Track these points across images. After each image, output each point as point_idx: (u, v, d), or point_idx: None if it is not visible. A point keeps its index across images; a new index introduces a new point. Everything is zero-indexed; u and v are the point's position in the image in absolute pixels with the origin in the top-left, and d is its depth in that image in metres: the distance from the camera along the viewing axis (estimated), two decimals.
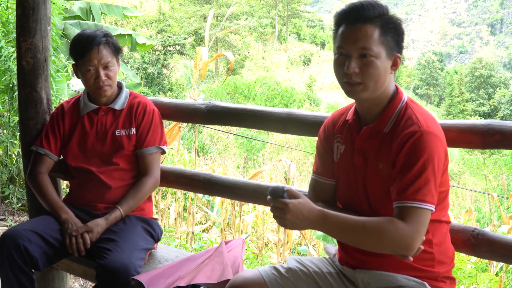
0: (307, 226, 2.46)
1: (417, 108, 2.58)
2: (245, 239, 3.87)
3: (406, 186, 2.41)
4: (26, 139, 4.16)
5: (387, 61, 2.52)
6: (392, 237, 2.37)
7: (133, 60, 41.99)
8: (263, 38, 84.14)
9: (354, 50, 2.50)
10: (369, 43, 2.48)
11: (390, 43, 2.52)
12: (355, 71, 2.49)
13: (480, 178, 34.88)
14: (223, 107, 3.94)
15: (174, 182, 4.27)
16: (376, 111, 2.64)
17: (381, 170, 2.58)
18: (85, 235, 3.51)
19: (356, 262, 2.77)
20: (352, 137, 2.76)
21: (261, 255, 8.47)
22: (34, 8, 4.02)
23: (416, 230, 2.37)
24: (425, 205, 2.39)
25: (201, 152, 22.89)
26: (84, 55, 3.63)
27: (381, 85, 2.54)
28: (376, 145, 2.62)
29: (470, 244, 3.01)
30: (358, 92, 2.53)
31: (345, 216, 2.47)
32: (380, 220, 2.42)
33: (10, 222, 6.35)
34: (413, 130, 2.45)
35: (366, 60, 2.48)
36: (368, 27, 2.49)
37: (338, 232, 2.49)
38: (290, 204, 2.38)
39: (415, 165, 2.40)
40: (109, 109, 3.82)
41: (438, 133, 2.49)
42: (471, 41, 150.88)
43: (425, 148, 2.41)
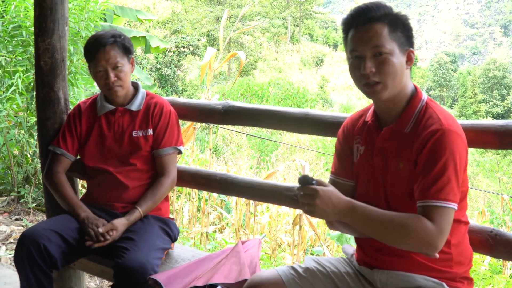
0: (335, 214, 2.45)
1: (437, 107, 2.58)
2: (262, 240, 3.88)
3: (429, 185, 2.40)
4: (44, 138, 4.19)
5: (401, 57, 2.53)
6: (418, 235, 2.37)
7: (147, 61, 42.03)
8: (276, 39, 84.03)
9: (368, 50, 2.51)
10: (380, 40, 2.49)
11: (401, 38, 2.54)
12: (372, 70, 2.49)
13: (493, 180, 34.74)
14: (239, 107, 3.95)
15: (190, 182, 4.28)
16: (396, 111, 2.64)
17: (401, 170, 2.58)
18: (110, 233, 3.52)
19: (374, 262, 2.77)
20: (372, 138, 2.76)
21: (275, 256, 8.48)
22: (52, 8, 4.05)
23: (441, 229, 2.37)
24: (449, 204, 2.39)
25: (214, 152, 22.90)
26: (93, 57, 3.67)
27: (399, 82, 2.54)
28: (396, 145, 2.62)
29: (488, 245, 3.00)
30: (378, 92, 2.53)
31: (373, 209, 2.47)
32: (407, 216, 2.42)
33: (25, 222, 6.37)
34: (434, 128, 2.45)
35: (381, 58, 2.49)
36: (377, 26, 2.51)
37: (365, 224, 2.48)
38: (320, 191, 2.39)
39: (437, 164, 2.40)
40: (126, 110, 3.84)
41: (459, 131, 2.48)
42: (484, 42, 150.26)
43: (447, 146, 2.41)
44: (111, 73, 3.66)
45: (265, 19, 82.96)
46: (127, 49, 3.77)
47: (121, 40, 3.74)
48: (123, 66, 3.71)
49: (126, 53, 3.77)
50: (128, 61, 3.79)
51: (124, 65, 3.72)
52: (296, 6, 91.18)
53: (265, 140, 24.44)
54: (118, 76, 3.69)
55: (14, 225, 6.30)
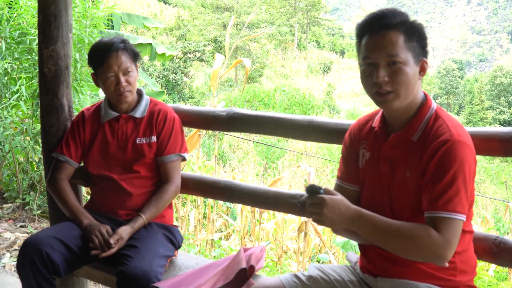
0: (343, 223, 2.46)
1: (447, 116, 2.56)
2: (265, 247, 3.86)
3: (437, 196, 2.40)
4: (48, 145, 4.18)
5: (415, 67, 2.50)
6: (425, 245, 2.37)
7: (154, 67, 42.08)
8: (283, 46, 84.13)
9: (382, 58, 2.48)
10: (395, 49, 2.46)
11: (416, 48, 2.50)
12: (385, 79, 2.47)
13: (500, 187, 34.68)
14: (243, 114, 3.93)
15: (194, 189, 4.26)
16: (405, 119, 2.62)
17: (408, 178, 2.57)
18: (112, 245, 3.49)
19: (377, 270, 2.76)
20: (378, 144, 2.74)
21: (281, 263, 8.46)
22: (55, 15, 4.05)
23: (449, 241, 2.37)
24: (457, 216, 2.39)
25: (221, 159, 22.88)
26: (103, 63, 3.64)
27: (411, 92, 2.52)
28: (404, 153, 2.61)
29: (492, 252, 2.99)
30: (389, 101, 2.51)
31: (381, 218, 2.47)
32: (415, 226, 2.41)
33: (30, 229, 6.37)
34: (444, 139, 2.43)
35: (395, 67, 2.46)
36: (392, 34, 2.47)
37: (372, 232, 2.48)
38: (328, 200, 2.41)
39: (446, 175, 2.39)
40: (130, 117, 3.83)
41: (468, 142, 2.47)
42: (491, 49, 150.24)
43: (457, 157, 2.40)
44: (122, 79, 3.66)
45: (272, 26, 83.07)
46: (136, 55, 3.79)
47: (130, 46, 3.76)
48: (133, 71, 3.73)
49: (135, 59, 3.78)
50: (136, 67, 3.79)
51: (133, 70, 3.74)
52: (303, 13, 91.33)
53: (271, 147, 24.42)
54: (128, 81, 3.69)
55: (19, 232, 6.30)
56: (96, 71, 3.73)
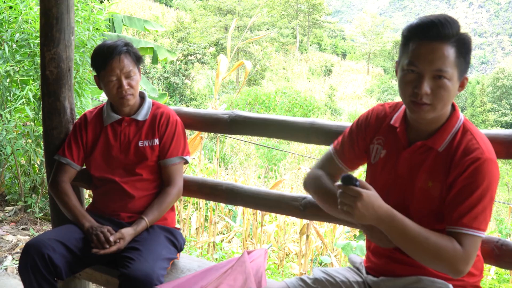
0: (373, 219, 2.42)
1: (474, 130, 2.54)
2: (268, 250, 3.87)
3: (464, 213, 2.40)
4: (50, 148, 4.19)
5: (457, 83, 2.46)
6: (448, 258, 2.38)
7: (155, 70, 42.10)
8: (284, 48, 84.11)
9: (429, 70, 2.40)
10: (445, 65, 2.38)
11: (463, 65, 2.44)
12: (427, 92, 2.40)
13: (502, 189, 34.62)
14: (245, 117, 3.92)
15: (196, 192, 4.25)
16: (432, 129, 2.59)
17: (430, 188, 2.55)
18: (117, 241, 3.50)
19: (382, 269, 2.79)
20: (397, 146, 2.71)
21: (282, 265, 8.46)
22: (58, 18, 4.05)
23: (469, 256, 2.39)
24: (480, 233, 2.40)
25: (222, 162, 22.88)
26: (106, 66, 3.64)
27: (447, 106, 2.49)
28: (427, 162, 2.58)
29: (494, 255, 2.99)
30: (425, 113, 2.45)
31: (411, 223, 2.43)
32: (442, 239, 2.41)
33: (32, 232, 6.37)
34: (476, 156, 2.42)
35: (440, 82, 2.40)
36: (445, 47, 2.38)
37: (400, 236, 2.44)
38: (364, 193, 2.36)
39: (474, 192, 2.39)
40: (132, 120, 3.83)
41: (495, 158, 2.47)
42: (493, 51, 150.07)
43: (486, 175, 2.40)
44: (124, 82, 3.66)
45: (274, 28, 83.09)
46: (139, 58, 3.79)
47: (133, 49, 3.76)
48: (135, 75, 3.72)
49: (138, 62, 3.78)
50: (138, 70, 3.79)
51: (136, 74, 3.73)
52: (304, 15, 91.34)
53: (273, 150, 24.42)
54: (130, 84, 3.70)
55: (21, 234, 6.30)
56: (99, 74, 3.73)
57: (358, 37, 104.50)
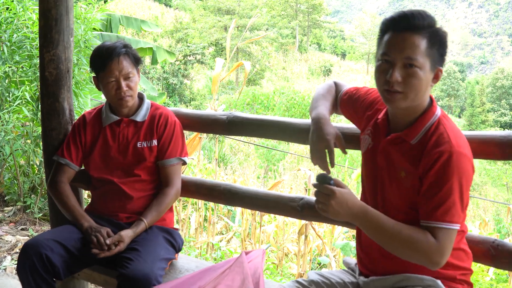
0: (347, 216, 2.50)
1: (449, 125, 2.58)
2: (266, 250, 3.88)
3: (435, 208, 2.45)
4: (49, 149, 4.20)
5: (429, 74, 2.52)
6: (421, 249, 2.44)
7: (155, 70, 42.08)
8: (284, 48, 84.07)
9: (400, 58, 2.49)
10: (415, 53, 2.46)
11: (435, 55, 2.51)
12: (398, 80, 2.48)
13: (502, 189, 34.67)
14: (243, 118, 3.93)
15: (194, 192, 4.26)
16: (407, 121, 2.65)
17: (403, 178, 2.61)
18: (112, 247, 3.51)
19: (370, 269, 2.83)
20: (379, 137, 2.79)
21: (281, 265, 8.47)
22: (57, 19, 4.06)
23: (444, 248, 2.44)
24: (453, 226, 2.45)
25: (222, 162, 22.88)
26: (105, 67, 3.65)
27: (421, 97, 2.54)
28: (401, 153, 2.64)
29: (490, 255, 3.01)
30: (396, 101, 2.53)
31: (384, 217, 2.52)
32: (415, 230, 2.48)
33: (31, 232, 6.38)
34: (444, 149, 2.46)
35: (411, 70, 2.48)
36: (416, 37, 2.47)
37: (375, 231, 2.54)
38: (337, 192, 2.46)
39: (444, 187, 2.44)
40: (131, 121, 3.84)
41: (468, 153, 2.50)
42: (492, 52, 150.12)
43: (455, 169, 2.43)
44: (123, 83, 3.67)
45: (274, 28, 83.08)
46: (137, 59, 3.80)
47: (132, 50, 3.77)
48: (134, 76, 3.73)
49: (136, 64, 3.78)
50: (137, 71, 3.80)
51: (135, 75, 3.74)
52: (304, 15, 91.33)
53: (272, 150, 24.43)
54: (129, 86, 3.70)
55: (20, 235, 6.31)
56: (98, 75, 3.74)
57: (357, 37, 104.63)
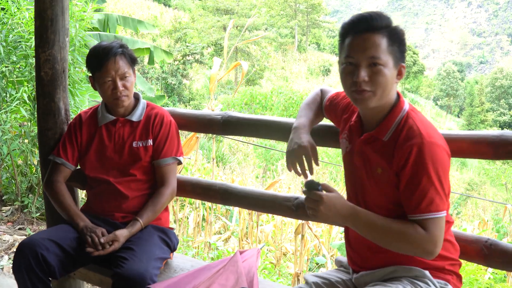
0: (338, 219, 2.60)
1: (417, 117, 2.64)
2: (261, 249, 3.89)
3: (419, 200, 2.50)
4: (45, 148, 4.21)
5: (393, 70, 2.59)
6: (414, 242, 2.50)
7: (153, 70, 42.05)
8: (283, 48, 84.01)
9: (364, 59, 2.56)
10: (378, 52, 2.54)
11: (397, 53, 2.59)
12: (365, 79, 2.55)
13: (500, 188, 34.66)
14: (238, 118, 3.94)
15: (190, 192, 4.27)
16: (378, 119, 2.72)
17: (380, 174, 2.67)
18: (106, 246, 3.52)
19: (359, 267, 2.88)
20: (354, 139, 2.85)
21: (279, 265, 8.48)
22: (52, 19, 4.07)
23: (434, 236, 2.50)
24: (439, 214, 2.51)
25: (220, 161, 22.88)
26: (101, 67, 3.66)
27: (388, 93, 2.61)
28: (375, 151, 2.70)
29: (483, 255, 3.02)
30: (366, 100, 2.59)
31: (374, 215, 2.60)
32: (404, 224, 2.54)
33: (29, 231, 6.39)
34: (415, 142, 2.51)
35: (376, 69, 2.55)
36: (376, 37, 2.56)
37: (367, 229, 2.62)
38: (324, 197, 2.54)
39: (422, 179, 2.49)
40: (127, 121, 3.85)
41: (439, 141, 2.55)
42: (492, 51, 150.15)
43: (429, 159, 2.48)
44: (119, 83, 3.68)
45: (273, 28, 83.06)
46: (134, 59, 3.82)
47: (128, 50, 3.78)
48: (130, 76, 3.75)
49: (133, 64, 3.80)
50: (133, 71, 3.82)
51: (131, 75, 3.76)
52: (303, 15, 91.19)
53: (270, 150, 24.45)
54: (125, 86, 3.72)
55: (18, 234, 6.32)
56: (94, 75, 3.75)
57: None
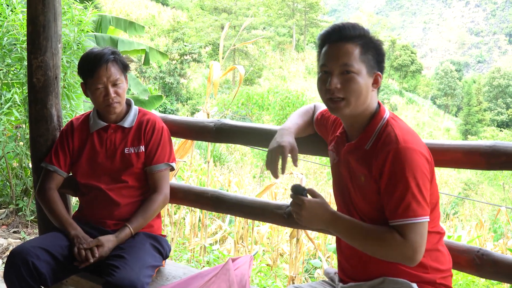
0: (319, 224, 2.69)
1: (397, 124, 2.66)
2: (253, 256, 3.88)
3: (396, 206, 2.52)
4: (37, 155, 4.21)
5: (368, 78, 2.63)
6: (392, 248, 2.53)
7: (151, 70, 42.06)
8: (281, 47, 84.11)
9: (336, 67, 2.63)
10: (350, 60, 2.60)
11: (371, 61, 2.64)
12: (337, 86, 2.61)
13: (497, 189, 34.69)
14: (231, 126, 3.93)
15: (182, 199, 4.27)
16: (358, 128, 2.76)
17: (364, 183, 2.70)
18: (94, 249, 3.52)
19: (349, 278, 2.88)
20: (340, 150, 2.87)
21: (276, 266, 8.47)
22: (45, 25, 4.07)
23: (415, 243, 2.50)
24: (418, 219, 2.51)
25: (218, 161, 22.89)
26: (93, 74, 3.65)
27: (363, 101, 2.65)
28: (357, 160, 2.73)
29: (474, 265, 3.02)
30: (341, 108, 2.64)
31: (354, 221, 2.67)
32: (383, 230, 2.57)
33: (23, 235, 6.38)
34: (390, 148, 2.55)
35: (348, 76, 2.61)
36: (349, 45, 2.62)
37: (347, 235, 2.69)
38: (307, 202, 2.66)
39: (399, 184, 2.51)
40: (118, 127, 3.84)
41: (416, 146, 2.56)
42: (489, 51, 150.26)
43: (405, 164, 2.51)
44: (111, 90, 3.68)
45: (270, 27, 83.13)
46: (125, 66, 3.80)
47: (120, 57, 3.78)
48: (122, 83, 3.74)
49: (124, 70, 3.79)
50: (125, 78, 3.81)
51: (122, 82, 3.75)
52: (301, 14, 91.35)
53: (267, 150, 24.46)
54: (117, 92, 3.71)
55: (12, 238, 6.31)
56: (86, 82, 3.74)
57: None
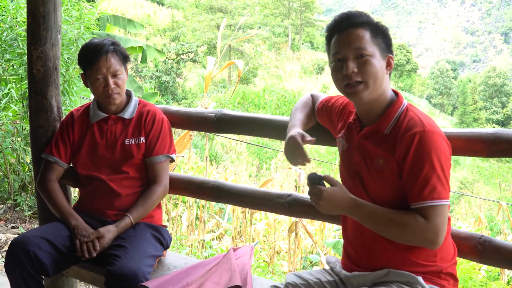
0: (339, 211, 2.70)
1: (417, 111, 2.68)
2: (254, 246, 3.88)
3: (422, 187, 2.52)
4: (37, 146, 4.19)
5: (381, 61, 2.66)
6: (415, 231, 2.53)
7: (147, 68, 42.02)
8: (276, 47, 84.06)
9: (350, 52, 2.65)
10: (362, 43, 2.63)
11: (382, 44, 2.67)
12: (354, 70, 2.62)
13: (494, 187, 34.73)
14: (232, 116, 3.93)
15: (183, 190, 4.26)
16: (376, 113, 2.75)
17: (381, 166, 2.69)
18: (95, 241, 3.52)
19: (354, 265, 2.88)
20: (352, 136, 2.87)
21: (273, 263, 8.48)
22: (44, 16, 4.05)
23: (436, 225, 2.51)
24: (442, 201, 2.52)
25: (214, 160, 22.89)
26: (92, 64, 3.65)
27: (380, 84, 2.66)
28: (375, 144, 2.72)
29: (477, 251, 3.02)
30: (359, 92, 2.64)
31: (375, 207, 2.66)
32: (405, 215, 2.56)
33: (21, 230, 6.37)
34: (417, 130, 2.55)
35: (363, 60, 2.63)
36: (359, 30, 2.66)
37: (369, 220, 2.68)
38: (324, 192, 2.65)
39: (425, 166, 2.51)
40: (119, 118, 3.84)
41: (439, 131, 2.58)
42: (485, 50, 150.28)
43: (431, 147, 2.51)
44: (110, 81, 3.67)
45: (266, 27, 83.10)
46: (126, 57, 3.80)
47: (120, 48, 3.77)
48: (122, 73, 3.73)
49: (124, 61, 3.79)
50: (125, 69, 3.80)
51: (122, 73, 3.74)
52: (296, 14, 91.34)
53: (263, 148, 24.47)
54: (117, 83, 3.70)
55: (10, 233, 6.30)
56: (86, 72, 3.73)
57: None
